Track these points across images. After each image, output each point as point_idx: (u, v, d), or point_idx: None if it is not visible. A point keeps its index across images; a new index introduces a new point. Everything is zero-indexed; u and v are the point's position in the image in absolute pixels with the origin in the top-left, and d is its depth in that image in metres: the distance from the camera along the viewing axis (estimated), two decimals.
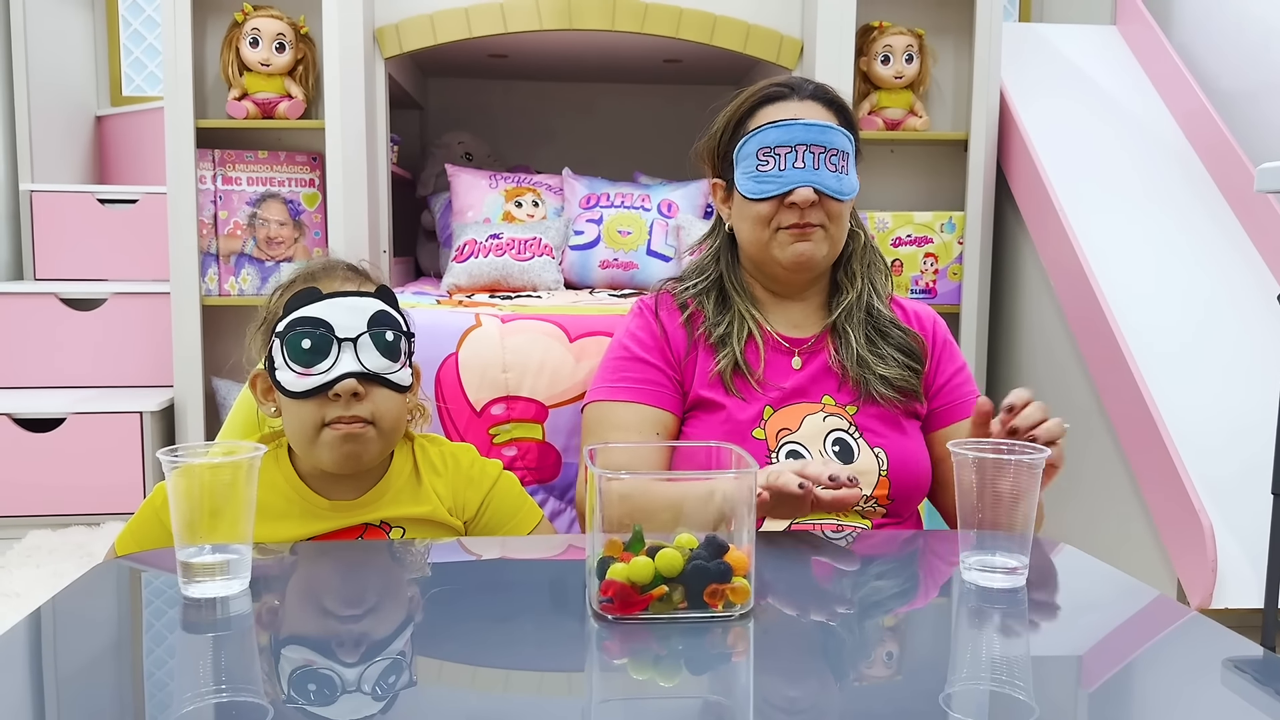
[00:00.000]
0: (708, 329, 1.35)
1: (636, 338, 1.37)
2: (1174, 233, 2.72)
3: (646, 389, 1.33)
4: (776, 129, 1.30)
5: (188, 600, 0.91)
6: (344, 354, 1.14)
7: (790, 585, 1.00)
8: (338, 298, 1.16)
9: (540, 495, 1.53)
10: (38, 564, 2.56)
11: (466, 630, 0.85)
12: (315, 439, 1.15)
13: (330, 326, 1.14)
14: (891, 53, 2.95)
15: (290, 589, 0.99)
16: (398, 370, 1.18)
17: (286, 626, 0.89)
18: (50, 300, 3.15)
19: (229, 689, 0.74)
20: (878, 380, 1.32)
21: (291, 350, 1.14)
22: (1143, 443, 2.25)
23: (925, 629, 0.92)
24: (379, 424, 1.16)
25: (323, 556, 1.10)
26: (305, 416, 1.15)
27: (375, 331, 1.16)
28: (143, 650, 0.85)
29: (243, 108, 2.83)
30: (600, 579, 0.85)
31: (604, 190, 3.17)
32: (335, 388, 1.13)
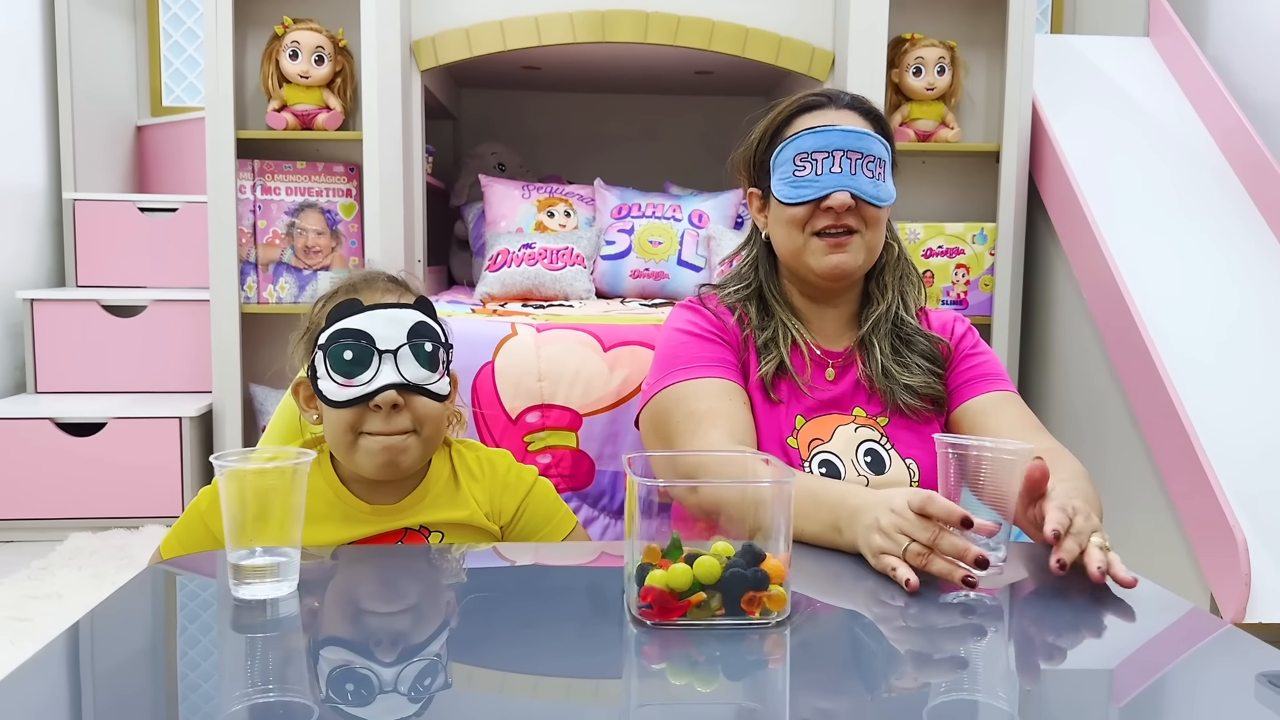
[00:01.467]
0: (754, 331, 1.36)
1: (694, 323, 1.37)
2: (1207, 245, 2.70)
3: (720, 365, 1.33)
4: (814, 135, 1.31)
5: (238, 602, 0.93)
6: (384, 365, 1.16)
7: (826, 593, 1.01)
8: (378, 309, 1.18)
9: (574, 502, 1.54)
10: (79, 566, 2.60)
11: (507, 633, 0.86)
12: (355, 446, 1.17)
13: (371, 338, 1.16)
14: (923, 64, 2.96)
15: (332, 592, 1.00)
16: (436, 380, 1.19)
17: (327, 628, 0.90)
18: (92, 307, 3.20)
19: (276, 689, 0.76)
20: (903, 390, 1.33)
21: (334, 361, 1.16)
22: (1175, 455, 2.24)
23: (958, 640, 0.91)
24: (419, 432, 1.18)
25: (363, 561, 1.11)
26: (346, 425, 1.17)
27: (415, 343, 1.18)
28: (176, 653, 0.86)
29: (282, 119, 2.87)
30: (639, 585, 0.86)
31: (635, 201, 3.19)
32: (376, 399, 1.15)
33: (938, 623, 0.95)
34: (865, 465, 1.29)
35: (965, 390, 1.36)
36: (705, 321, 1.38)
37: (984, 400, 1.33)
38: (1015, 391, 1.37)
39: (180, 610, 0.99)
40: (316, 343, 1.19)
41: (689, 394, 1.30)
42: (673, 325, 1.40)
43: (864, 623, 0.93)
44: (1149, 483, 2.38)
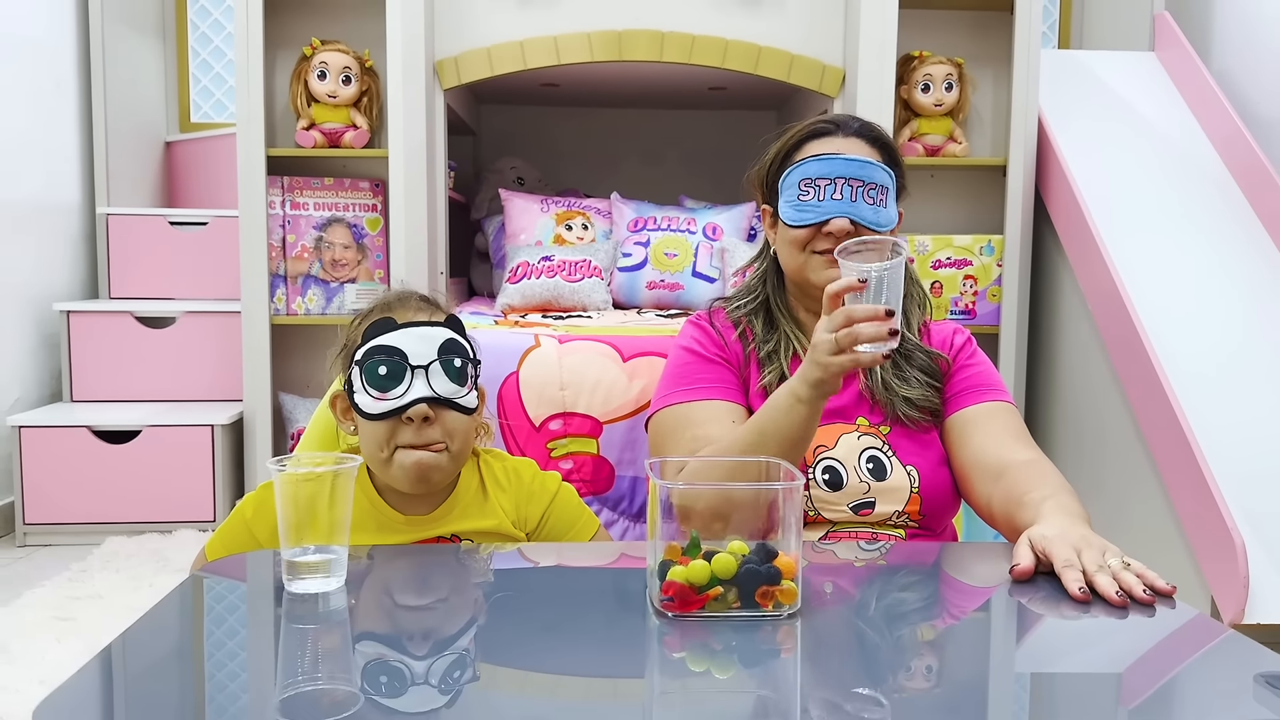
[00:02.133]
0: (757, 344, 1.42)
1: (700, 343, 1.44)
2: (1211, 258, 2.73)
3: (719, 386, 1.39)
4: (818, 162, 1.37)
5: (291, 596, 0.98)
6: (416, 380, 1.22)
7: (836, 587, 1.07)
8: (411, 327, 1.24)
9: (595, 506, 1.58)
10: (117, 569, 2.68)
11: (536, 625, 0.91)
12: (390, 459, 1.23)
13: (404, 354, 1.23)
14: (932, 81, 3.01)
15: (368, 589, 1.04)
16: (465, 394, 1.25)
17: (364, 623, 0.95)
18: (126, 318, 3.27)
19: (325, 678, 0.81)
20: (902, 402, 1.37)
21: (369, 376, 1.23)
22: (1177, 462, 2.28)
23: (954, 643, 0.94)
24: (449, 445, 1.24)
25: (397, 559, 1.15)
26: (380, 437, 1.23)
27: (445, 359, 1.24)
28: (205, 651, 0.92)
29: (310, 137, 2.95)
30: (661, 580, 0.91)
31: (651, 214, 3.24)
32: (408, 411, 1.21)
33: (944, 618, 1.00)
34: (867, 471, 1.35)
35: (957, 401, 1.40)
36: (709, 341, 1.44)
37: (972, 412, 1.37)
38: (1008, 399, 1.40)
39: (232, 611, 1.03)
40: (353, 358, 1.25)
41: (689, 417, 1.37)
42: (680, 342, 1.47)
43: (869, 616, 0.97)
44: (1151, 489, 2.42)
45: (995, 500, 1.26)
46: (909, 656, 0.88)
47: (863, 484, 1.35)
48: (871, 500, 1.35)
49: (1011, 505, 1.21)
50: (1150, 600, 0.96)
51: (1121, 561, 1.03)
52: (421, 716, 0.75)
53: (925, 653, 0.89)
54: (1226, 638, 0.92)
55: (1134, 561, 1.03)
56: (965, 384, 1.41)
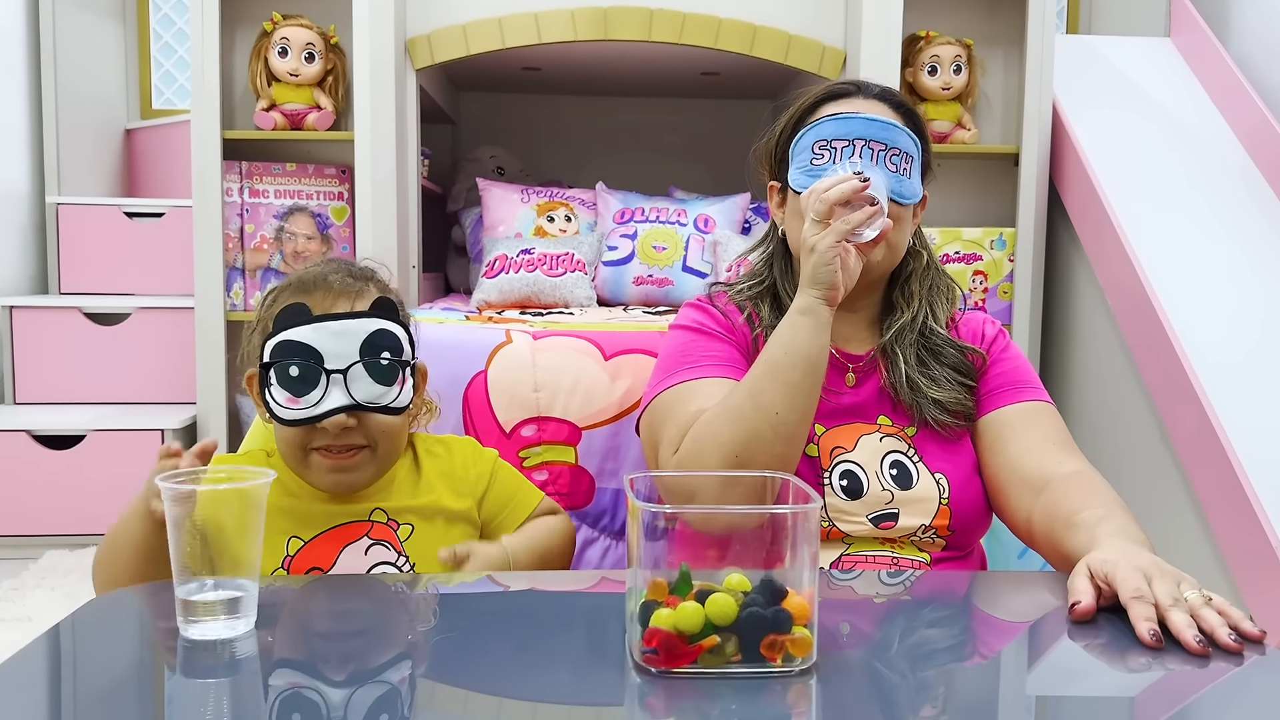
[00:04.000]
0: (765, 329, 1.27)
1: (702, 323, 1.29)
2: (1239, 252, 2.62)
3: (726, 365, 1.24)
4: (835, 121, 1.22)
5: (187, 643, 0.83)
6: (333, 387, 1.09)
7: (856, 634, 0.90)
8: (328, 321, 1.10)
9: (573, 522, 1.42)
10: (52, 586, 2.51)
11: (491, 675, 0.78)
12: (305, 461, 1.12)
13: (319, 356, 1.09)
14: (939, 63, 2.89)
15: (297, 625, 0.91)
16: (395, 396, 1.12)
17: (293, 667, 0.82)
18: (73, 315, 3.12)
19: None
20: (930, 404, 1.23)
21: (280, 376, 1.09)
22: (1209, 470, 2.14)
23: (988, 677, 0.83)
24: (374, 447, 1.13)
25: (333, 590, 1.02)
26: (295, 441, 1.11)
27: (369, 361, 1.10)
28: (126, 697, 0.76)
29: (270, 119, 2.80)
30: (644, 626, 0.76)
31: (639, 205, 3.11)
32: (324, 423, 1.09)
33: (995, 672, 0.85)
34: (890, 478, 1.20)
35: (990, 400, 1.26)
36: (712, 320, 1.29)
37: (1009, 413, 1.23)
38: (1048, 399, 1.26)
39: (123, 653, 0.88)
40: (263, 349, 1.11)
41: (693, 394, 1.20)
42: (677, 324, 1.31)
43: (902, 670, 0.82)
44: (1180, 503, 2.29)
45: (1036, 517, 1.12)
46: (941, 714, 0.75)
47: (885, 492, 1.20)
48: (895, 511, 1.20)
49: (1058, 525, 1.07)
50: (1238, 648, 0.81)
51: (1201, 595, 0.87)
52: None
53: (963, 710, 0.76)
54: (1256, 660, 0.81)
55: (1215, 596, 0.88)
56: (999, 381, 1.27)
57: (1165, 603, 0.85)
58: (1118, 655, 0.83)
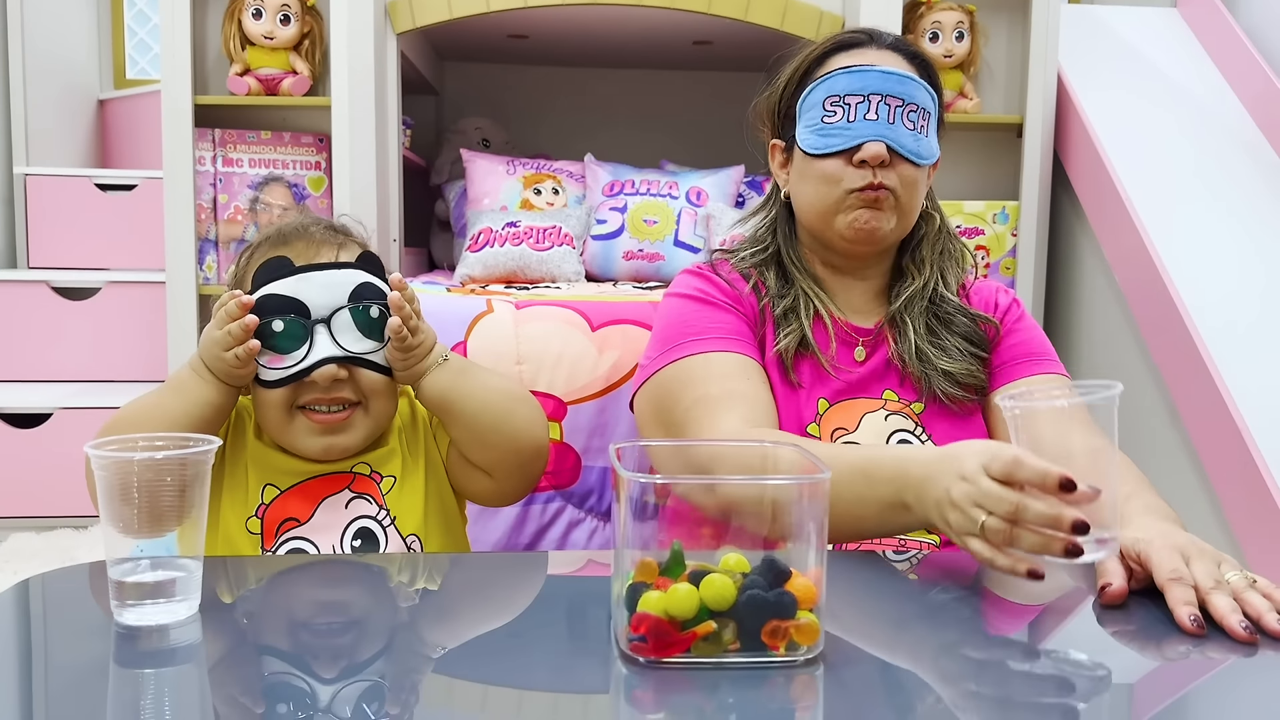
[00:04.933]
0: (772, 300, 1.19)
1: (704, 291, 1.20)
2: (1246, 222, 2.56)
3: (734, 339, 1.15)
4: (848, 75, 1.14)
5: (121, 629, 0.76)
6: (319, 337, 1.01)
7: (865, 620, 0.84)
8: (311, 271, 1.02)
9: (558, 503, 1.41)
10: (15, 570, 2.43)
11: (467, 664, 0.74)
12: (290, 424, 1.03)
13: (303, 307, 1.01)
14: (940, 30, 2.80)
15: (271, 609, 0.85)
16: (385, 349, 1.04)
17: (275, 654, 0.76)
18: (42, 289, 3.04)
19: None
20: (940, 376, 1.16)
21: (262, 332, 1.00)
22: (1220, 446, 2.08)
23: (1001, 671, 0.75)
24: (367, 404, 1.04)
25: (305, 571, 0.98)
26: (280, 403, 1.02)
27: (355, 307, 1.02)
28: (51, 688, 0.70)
29: (244, 84, 2.70)
30: (630, 612, 0.70)
31: (629, 177, 3.02)
32: (312, 375, 1.01)
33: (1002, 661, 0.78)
34: None
35: (1005, 372, 1.19)
36: (715, 289, 1.20)
37: (1026, 386, 1.16)
38: (1065, 372, 1.20)
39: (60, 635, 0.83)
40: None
41: (699, 373, 1.12)
42: (677, 291, 1.22)
43: (918, 658, 0.75)
44: (1189, 481, 2.24)
45: None
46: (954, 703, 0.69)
47: None
48: None
49: None
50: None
51: (1244, 577, 0.81)
52: None
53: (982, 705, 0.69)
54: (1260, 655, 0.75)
55: (1260, 578, 0.81)
56: (1014, 353, 1.20)
57: (1206, 585, 0.79)
58: (1152, 642, 0.77)
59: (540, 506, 1.38)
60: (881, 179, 1.13)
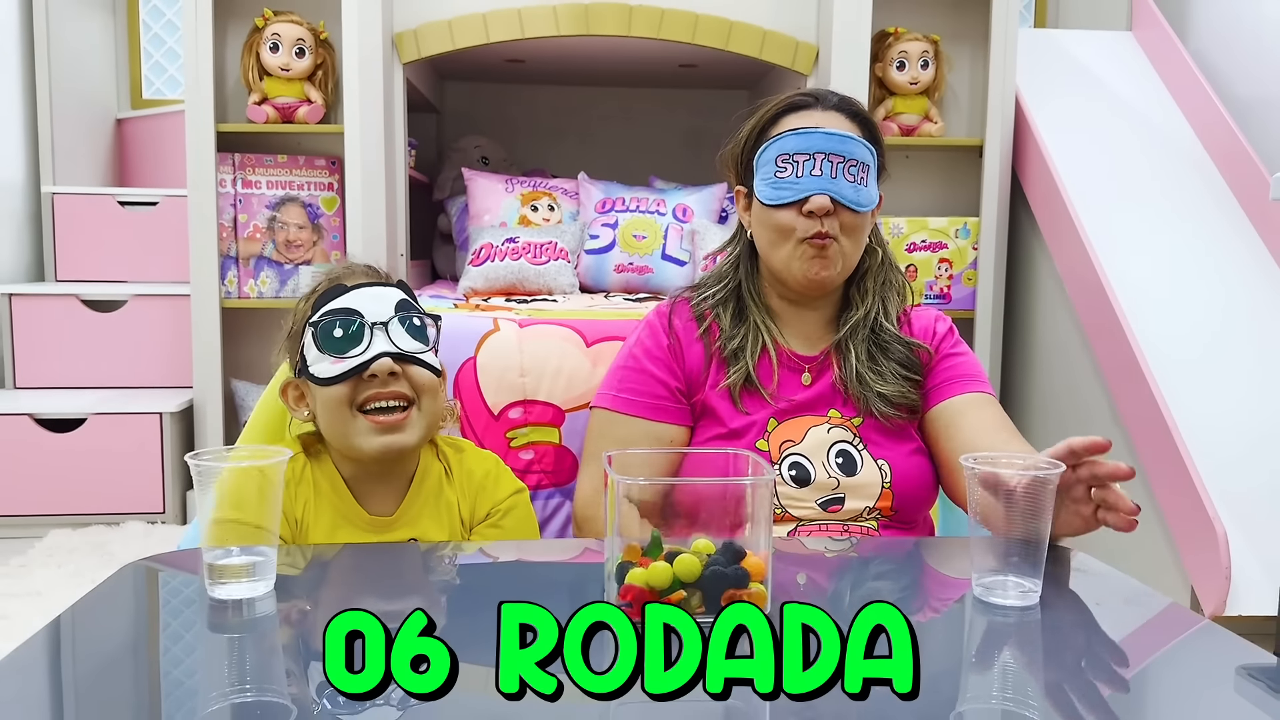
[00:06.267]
0: (723, 342, 1.35)
1: (645, 348, 1.37)
2: (1190, 240, 2.70)
3: (649, 403, 1.34)
4: (796, 136, 1.30)
5: (214, 602, 0.92)
6: (376, 336, 1.17)
7: (806, 590, 1.01)
8: (363, 288, 1.20)
9: (557, 499, 1.53)
10: (59, 564, 2.57)
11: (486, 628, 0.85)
12: (352, 426, 1.16)
13: (360, 313, 1.18)
14: (907, 59, 2.95)
15: (311, 591, 1.00)
16: (429, 353, 1.21)
17: (306, 628, 0.90)
18: (71, 302, 3.16)
19: (254, 689, 0.75)
20: (877, 398, 1.32)
21: (324, 339, 1.17)
22: (1158, 449, 2.24)
23: (931, 636, 0.90)
24: (419, 399, 1.19)
25: (343, 558, 1.11)
26: (342, 401, 1.16)
27: (403, 315, 1.20)
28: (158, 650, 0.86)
29: (263, 112, 2.85)
30: (619, 583, 0.86)
31: (619, 195, 3.17)
32: (371, 367, 1.15)
33: (921, 617, 0.94)
34: (836, 466, 1.29)
35: (941, 391, 1.34)
36: (656, 348, 1.37)
37: (959, 402, 1.32)
38: (993, 394, 1.36)
39: (162, 607, 0.98)
40: (304, 331, 1.20)
41: (609, 428, 1.35)
42: (631, 339, 1.41)
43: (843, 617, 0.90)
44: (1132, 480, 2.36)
45: None
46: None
47: (831, 479, 1.29)
48: (841, 496, 1.29)
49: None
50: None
51: None
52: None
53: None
54: (1202, 628, 0.90)
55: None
56: (949, 374, 1.36)
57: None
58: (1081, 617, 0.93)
59: (542, 502, 1.51)
60: (827, 227, 1.29)
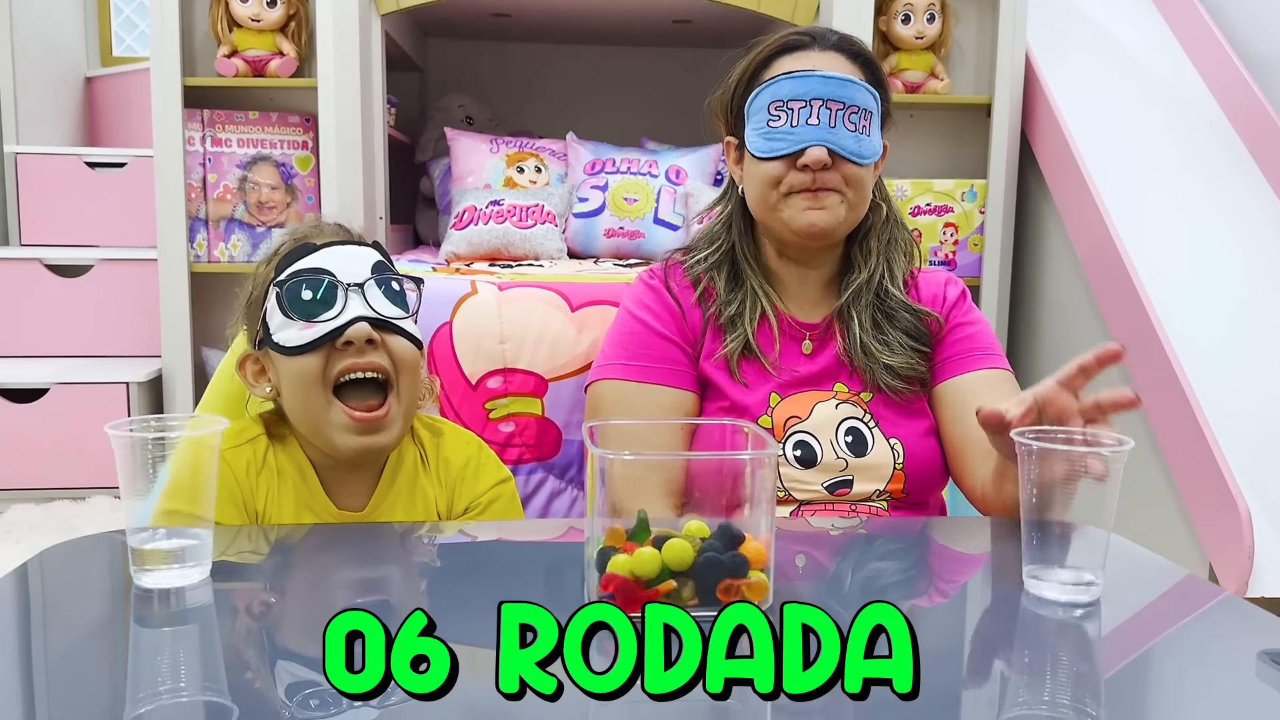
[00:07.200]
0: (719, 307, 1.25)
1: (650, 309, 1.26)
2: (1206, 203, 2.61)
3: (664, 368, 1.23)
4: (791, 80, 1.18)
5: (139, 591, 0.82)
6: (351, 299, 1.03)
7: (812, 579, 0.91)
8: (335, 246, 1.06)
9: (540, 474, 1.45)
10: (18, 540, 2.48)
11: (451, 622, 0.76)
12: (326, 412, 1.03)
13: (332, 273, 1.04)
14: (912, 11, 2.84)
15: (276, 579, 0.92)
16: (410, 321, 1.08)
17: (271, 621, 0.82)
18: (35, 266, 3.06)
19: (188, 689, 0.68)
20: (883, 370, 1.21)
21: (291, 302, 1.03)
22: (1174, 423, 2.14)
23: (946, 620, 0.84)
24: (397, 379, 1.05)
25: (299, 542, 1.02)
26: (313, 376, 1.02)
27: (380, 278, 1.06)
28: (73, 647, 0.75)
29: (232, 65, 2.73)
30: (600, 572, 0.76)
31: (609, 156, 3.07)
32: (346, 333, 1.01)
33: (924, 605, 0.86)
34: (845, 446, 1.19)
35: (952, 365, 1.24)
36: (661, 309, 1.26)
37: (972, 379, 1.22)
38: (1008, 368, 1.26)
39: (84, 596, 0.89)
40: (267, 295, 1.06)
41: (620, 399, 1.22)
42: (629, 304, 1.29)
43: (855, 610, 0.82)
44: (1145, 452, 2.29)
45: (990, 486, 1.12)
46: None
47: (840, 460, 1.19)
48: (849, 478, 1.20)
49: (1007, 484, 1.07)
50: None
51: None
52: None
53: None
54: (1221, 600, 0.86)
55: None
56: (961, 348, 1.25)
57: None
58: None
59: (524, 478, 1.43)
60: (824, 180, 1.17)
